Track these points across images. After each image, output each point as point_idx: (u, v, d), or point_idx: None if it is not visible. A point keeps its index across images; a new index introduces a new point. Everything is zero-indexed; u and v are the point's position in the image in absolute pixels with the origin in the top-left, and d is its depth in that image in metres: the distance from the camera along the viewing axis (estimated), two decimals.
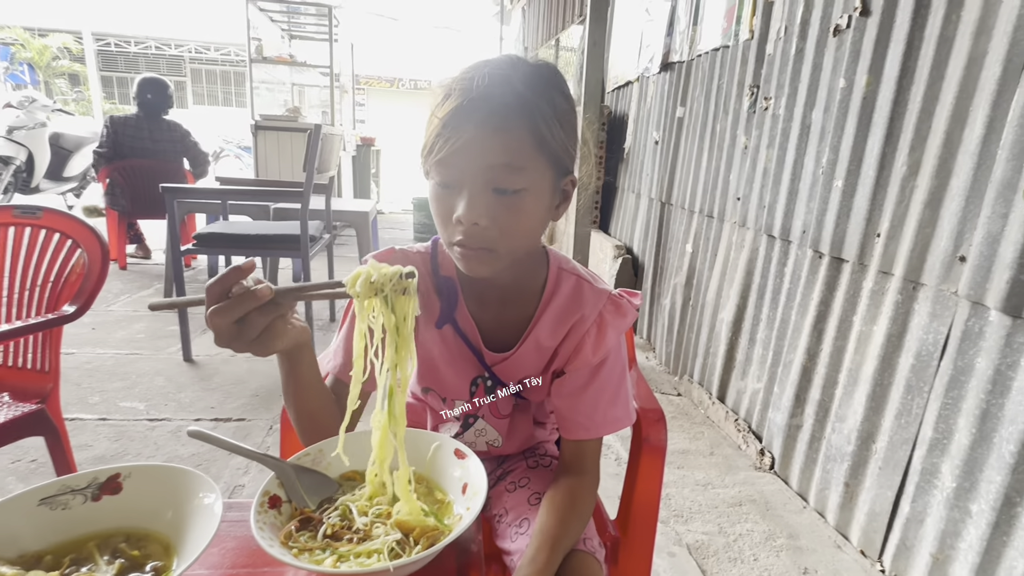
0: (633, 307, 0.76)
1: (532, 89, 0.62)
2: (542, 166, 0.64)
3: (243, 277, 0.50)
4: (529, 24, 6.70)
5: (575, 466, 0.76)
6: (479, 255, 0.64)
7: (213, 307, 0.48)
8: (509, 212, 0.62)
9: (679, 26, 2.75)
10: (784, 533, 1.58)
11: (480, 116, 0.59)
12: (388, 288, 0.52)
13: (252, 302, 0.49)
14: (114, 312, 3.08)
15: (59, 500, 0.53)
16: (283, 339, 0.54)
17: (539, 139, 0.62)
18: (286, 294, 0.50)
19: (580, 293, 0.76)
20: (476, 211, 0.61)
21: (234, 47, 15.58)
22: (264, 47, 5.49)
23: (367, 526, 0.52)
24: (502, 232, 0.63)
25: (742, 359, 2.12)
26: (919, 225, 1.37)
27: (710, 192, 2.42)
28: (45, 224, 1.31)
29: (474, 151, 0.60)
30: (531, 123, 0.61)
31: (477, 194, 0.61)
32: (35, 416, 1.19)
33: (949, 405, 1.28)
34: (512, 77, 0.62)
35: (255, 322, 0.50)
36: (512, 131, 0.60)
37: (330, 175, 2.83)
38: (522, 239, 0.66)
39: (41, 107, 5.71)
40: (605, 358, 0.75)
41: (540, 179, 0.64)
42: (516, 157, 0.61)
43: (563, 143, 0.65)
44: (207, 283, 0.48)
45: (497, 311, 0.77)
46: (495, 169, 0.61)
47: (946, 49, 1.32)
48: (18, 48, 13.69)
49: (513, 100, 0.60)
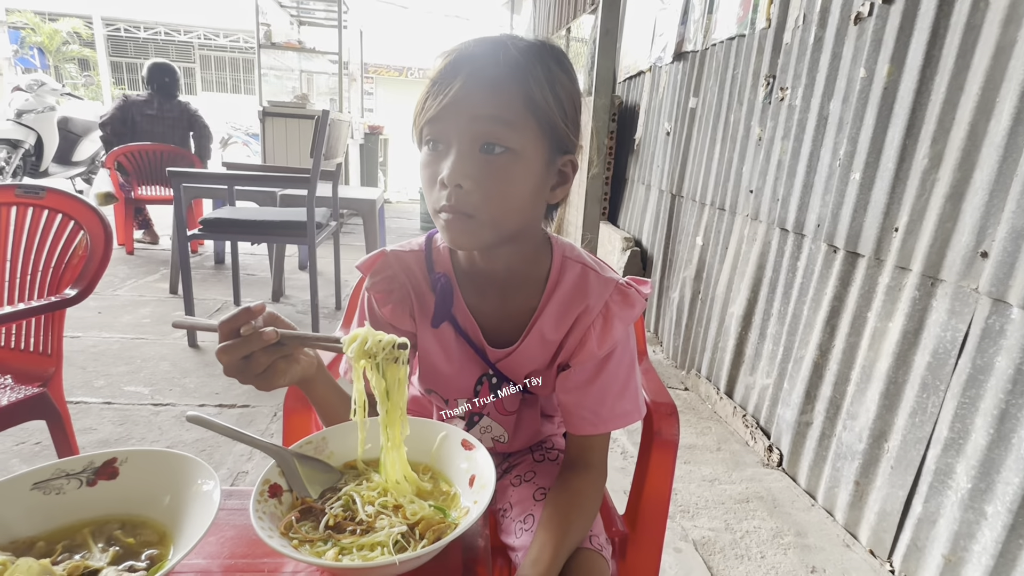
0: (642, 297, 0.72)
1: (525, 54, 0.61)
2: (533, 130, 0.61)
3: (253, 318, 0.53)
4: (540, 13, 6.62)
5: (581, 461, 0.74)
6: (460, 221, 0.61)
7: (222, 344, 0.52)
8: (493, 174, 0.60)
9: (693, 14, 2.70)
10: (792, 531, 1.56)
11: (469, 70, 0.59)
12: (380, 356, 0.54)
13: (258, 343, 0.53)
14: (120, 296, 3.08)
15: (53, 484, 0.51)
16: (286, 376, 0.57)
17: (530, 100, 0.60)
18: (291, 339, 0.55)
19: (586, 282, 0.73)
20: (459, 171, 0.59)
21: (243, 33, 15.53)
22: (273, 33, 5.46)
23: (371, 517, 0.50)
24: (485, 196, 0.60)
25: (751, 354, 2.09)
26: (940, 219, 1.33)
27: (722, 184, 2.38)
28: (48, 205, 1.30)
29: (462, 105, 0.59)
30: (523, 83, 0.60)
31: (463, 154, 0.60)
32: (37, 400, 1.18)
33: (966, 404, 1.25)
34: (508, 43, 0.61)
35: (260, 360, 0.54)
36: (502, 87, 0.59)
37: (337, 162, 2.81)
38: (507, 209, 0.62)
39: (50, 91, 5.71)
40: (612, 351, 0.72)
41: (530, 145, 0.61)
42: (504, 111, 0.59)
43: (558, 113, 0.63)
44: (220, 320, 0.52)
45: (498, 304, 0.74)
46: (481, 121, 0.59)
47: (973, 37, 1.28)
48: (28, 32, 13.68)
49: (504, 60, 0.60)
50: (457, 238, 0.63)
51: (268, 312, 0.56)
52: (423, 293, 0.75)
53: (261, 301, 0.55)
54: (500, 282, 0.73)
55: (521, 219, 0.65)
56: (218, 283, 3.49)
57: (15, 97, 5.56)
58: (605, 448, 0.76)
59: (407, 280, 0.75)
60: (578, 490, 0.70)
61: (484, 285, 0.74)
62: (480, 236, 0.63)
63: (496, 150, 0.60)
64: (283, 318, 0.57)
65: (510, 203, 0.62)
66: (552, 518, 0.67)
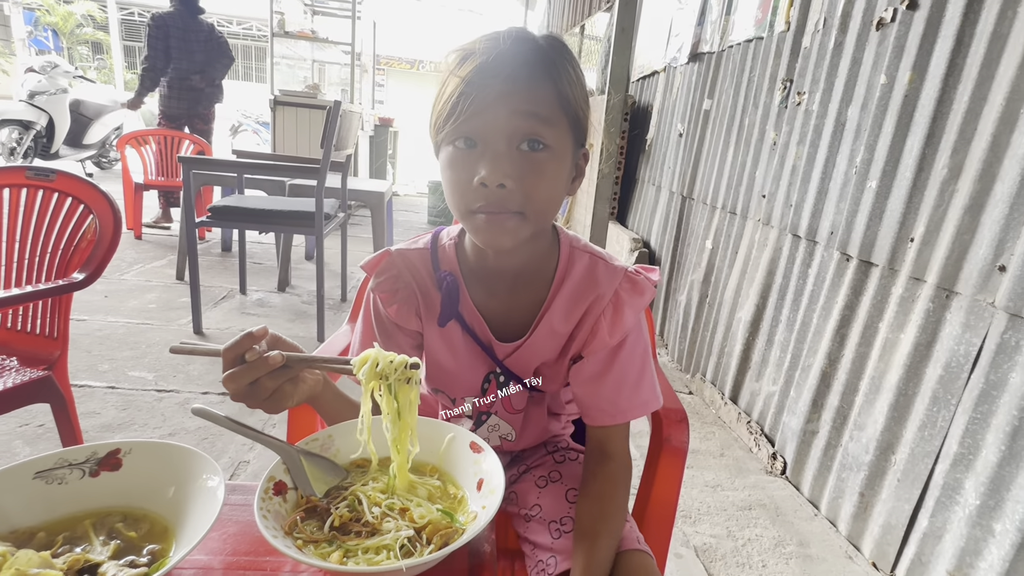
0: (651, 283, 0.71)
1: (554, 50, 0.61)
2: (564, 127, 0.62)
3: (256, 343, 0.53)
4: (554, 10, 6.59)
5: (602, 453, 0.73)
6: (504, 221, 0.61)
7: (228, 372, 0.51)
8: (535, 172, 0.60)
9: (711, 15, 2.68)
10: (794, 540, 1.54)
11: (508, 71, 0.58)
12: (393, 378, 0.53)
13: (264, 368, 0.52)
14: (127, 281, 3.09)
15: (55, 474, 0.50)
16: (293, 399, 0.56)
17: (563, 98, 0.61)
18: (297, 361, 0.54)
19: (595, 272, 0.72)
20: (502, 170, 0.58)
21: (256, 22, 15.52)
22: (286, 22, 5.45)
23: (377, 519, 0.49)
24: (528, 194, 0.60)
25: (758, 360, 2.07)
26: (957, 231, 1.31)
27: (734, 188, 2.36)
28: (58, 187, 1.29)
29: (501, 105, 0.58)
30: (555, 80, 0.60)
31: (503, 153, 0.59)
32: (41, 383, 1.17)
33: (978, 420, 1.23)
34: (534, 39, 0.61)
35: (266, 385, 0.53)
36: (540, 84, 0.59)
37: (348, 153, 2.80)
38: (547, 205, 0.63)
39: (63, 73, 5.73)
40: (624, 339, 0.71)
41: (563, 141, 0.62)
42: (544, 108, 0.59)
43: (582, 108, 0.64)
44: (224, 347, 0.51)
45: (506, 298, 0.73)
46: (523, 117, 0.58)
47: (999, 47, 1.26)
48: (43, 13, 13.72)
49: (537, 57, 0.60)
50: (499, 238, 0.62)
51: (271, 335, 0.55)
52: (429, 292, 0.74)
53: (263, 325, 0.54)
54: (510, 278, 0.73)
55: (554, 213, 0.67)
56: (225, 270, 3.49)
57: (28, 78, 5.58)
58: (626, 437, 0.74)
59: (412, 279, 0.74)
60: (604, 492, 0.70)
61: (493, 281, 0.73)
62: (521, 233, 0.62)
63: (538, 147, 0.60)
64: (286, 339, 0.57)
65: (550, 199, 0.63)
66: (589, 526, 0.67)
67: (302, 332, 2.65)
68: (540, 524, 0.76)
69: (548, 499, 0.79)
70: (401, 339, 0.76)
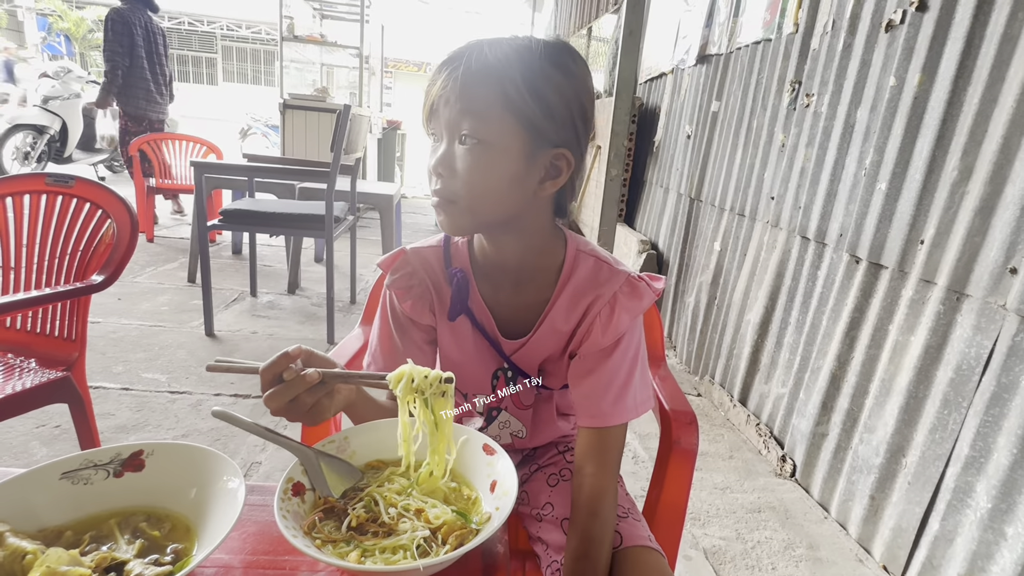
0: (652, 290, 0.72)
1: (510, 54, 0.63)
2: (509, 125, 0.63)
3: (292, 361, 0.55)
4: (561, 11, 6.60)
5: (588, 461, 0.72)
6: (443, 207, 0.67)
7: (268, 392, 0.54)
8: (467, 163, 0.64)
9: (719, 17, 2.68)
10: (804, 543, 1.54)
11: (457, 74, 0.63)
12: (428, 392, 0.55)
13: (302, 386, 0.54)
14: (140, 284, 3.12)
15: (81, 475, 0.52)
16: (330, 411, 0.59)
17: (504, 96, 0.63)
18: (333, 377, 0.56)
19: (598, 274, 0.74)
20: (439, 161, 0.65)
21: (265, 25, 15.66)
22: (295, 26, 5.50)
23: (393, 519, 0.50)
24: (463, 184, 0.65)
25: (767, 362, 2.07)
26: (968, 233, 1.31)
27: (742, 190, 2.36)
28: (76, 193, 1.31)
29: (444, 104, 0.64)
30: (496, 80, 0.63)
31: (445, 146, 0.65)
32: (60, 383, 1.20)
33: (989, 423, 1.23)
34: (497, 43, 0.64)
35: (305, 401, 0.55)
36: (473, 84, 0.63)
37: (357, 156, 2.82)
38: (480, 196, 0.65)
39: (76, 78, 5.80)
40: (618, 342, 0.72)
41: (505, 137, 0.64)
42: (477, 105, 0.63)
43: (538, 108, 0.63)
44: (262, 367, 0.54)
45: (512, 296, 0.76)
46: (460, 114, 0.63)
47: (1009, 48, 1.25)
48: (55, 19, 13.91)
49: (476, 60, 0.63)
50: (443, 222, 0.68)
51: (305, 351, 0.57)
52: (442, 288, 0.77)
53: (298, 344, 0.57)
54: (513, 274, 0.75)
55: (500, 207, 0.67)
56: (235, 273, 3.52)
57: (42, 83, 5.65)
58: (614, 446, 0.72)
59: (426, 276, 0.77)
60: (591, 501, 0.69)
61: (498, 278, 0.76)
62: (460, 221, 0.67)
63: (469, 141, 0.64)
64: (320, 354, 0.59)
65: (483, 190, 0.65)
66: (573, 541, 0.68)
67: (312, 334, 2.67)
68: (552, 523, 0.77)
69: (559, 497, 0.80)
70: (416, 334, 0.78)
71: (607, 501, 0.69)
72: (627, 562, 0.68)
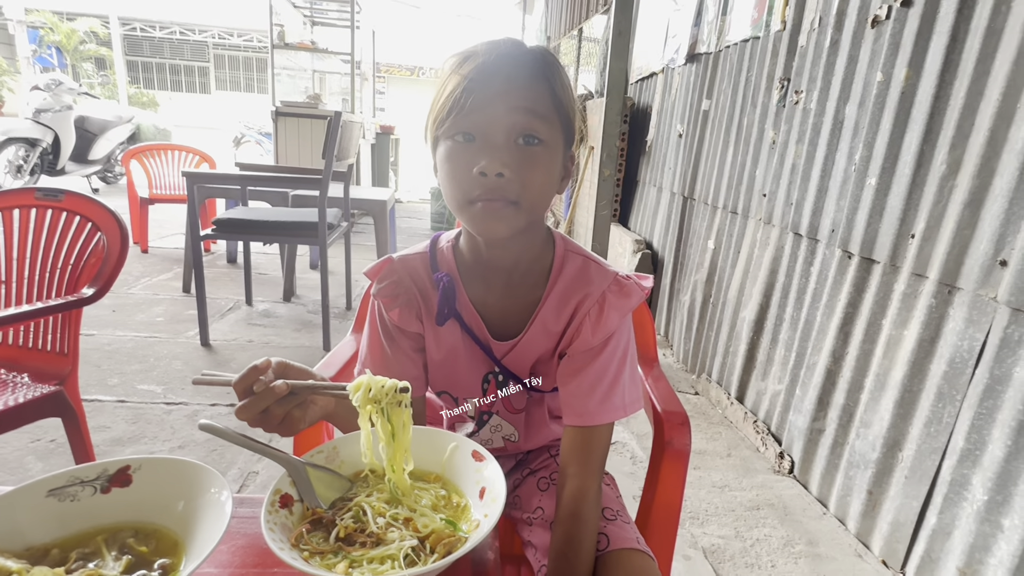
0: (639, 289, 0.73)
1: (547, 56, 0.67)
2: (557, 126, 0.66)
3: (262, 374, 0.55)
4: (552, 13, 6.61)
5: (572, 461, 0.72)
6: (501, 209, 0.64)
7: (239, 404, 0.55)
8: (531, 163, 0.64)
9: (707, 16, 2.68)
10: (803, 539, 1.54)
11: (508, 70, 0.63)
12: (385, 401, 0.55)
13: (271, 397, 0.55)
14: (135, 295, 3.12)
15: (68, 491, 0.51)
16: (304, 422, 0.60)
17: (555, 98, 0.65)
18: (300, 388, 0.57)
19: (586, 273, 0.75)
20: (501, 160, 0.62)
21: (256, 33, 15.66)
22: (286, 33, 5.49)
23: (382, 529, 0.50)
24: (524, 184, 0.64)
25: (763, 359, 2.07)
26: (957, 226, 1.31)
27: (735, 188, 2.37)
28: (66, 207, 1.31)
29: (500, 102, 0.62)
30: (550, 81, 0.65)
31: (502, 145, 0.63)
32: (53, 398, 1.19)
33: (983, 415, 1.23)
34: (530, 47, 0.67)
35: (275, 412, 0.56)
36: (537, 83, 0.64)
37: (349, 163, 2.82)
38: (540, 196, 0.67)
39: (68, 90, 5.79)
40: (607, 342, 0.72)
41: (555, 138, 0.66)
42: (540, 105, 0.64)
43: (572, 112, 0.68)
44: (233, 381, 0.55)
45: (503, 297, 0.75)
46: (521, 113, 0.62)
47: (994, 42, 1.26)
48: (47, 31, 13.88)
49: (533, 60, 0.65)
50: (495, 226, 0.65)
51: (278, 362, 0.58)
52: (429, 294, 0.76)
53: (266, 357, 0.58)
54: (506, 275, 0.75)
55: (546, 207, 0.70)
56: (230, 281, 3.52)
57: (33, 96, 5.64)
58: (599, 446, 0.72)
59: (413, 283, 0.77)
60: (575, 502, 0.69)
61: (490, 278, 0.76)
62: (516, 222, 0.65)
63: (533, 141, 0.64)
64: (296, 365, 0.59)
65: (542, 192, 0.66)
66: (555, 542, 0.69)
67: (308, 342, 2.67)
68: (542, 526, 0.77)
69: (550, 501, 0.80)
70: (405, 343, 0.77)
71: (589, 502, 0.69)
72: (614, 565, 0.68)
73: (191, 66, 17.89)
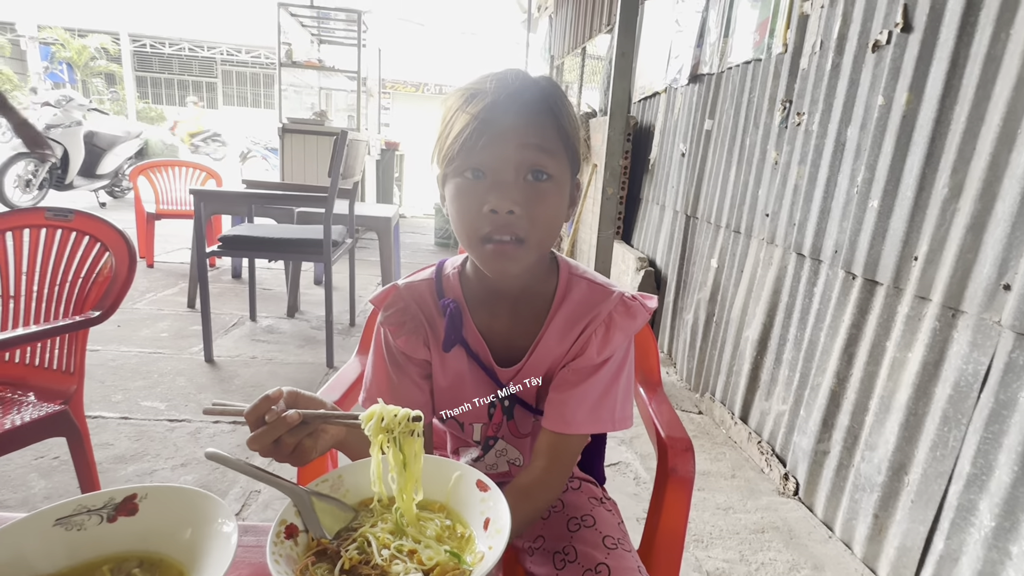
0: (645, 309, 0.74)
1: (553, 88, 0.68)
2: (563, 159, 0.67)
3: (274, 403, 0.56)
4: (556, 32, 6.69)
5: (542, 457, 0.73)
6: (509, 249, 0.65)
7: (252, 435, 0.55)
8: (539, 199, 0.65)
9: (709, 37, 2.72)
10: (808, 564, 1.53)
11: (517, 107, 0.64)
12: (397, 431, 0.55)
13: (283, 427, 0.55)
14: (140, 310, 3.13)
15: (75, 520, 0.52)
16: (315, 452, 0.59)
17: (562, 131, 0.66)
18: (312, 418, 0.57)
19: (592, 297, 0.75)
20: (512, 198, 0.63)
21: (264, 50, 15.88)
22: (294, 52, 5.57)
23: (386, 561, 0.50)
24: (532, 221, 0.64)
25: (767, 379, 2.07)
26: (960, 250, 1.32)
27: (737, 207, 2.38)
28: (76, 227, 1.33)
29: (510, 139, 0.63)
30: (555, 116, 0.66)
31: (511, 182, 0.64)
32: (58, 417, 1.20)
33: (989, 440, 1.22)
34: (535, 79, 0.67)
35: (287, 442, 0.56)
36: (544, 119, 0.65)
37: (355, 180, 2.84)
38: (548, 231, 0.67)
39: (77, 106, 5.87)
40: (608, 359, 0.73)
41: (562, 172, 0.67)
42: (547, 141, 0.65)
43: (578, 139, 0.70)
44: (245, 410, 0.55)
45: (508, 324, 0.76)
46: (530, 150, 0.63)
47: (993, 68, 1.27)
48: (58, 48, 14.11)
49: (540, 95, 0.66)
50: (504, 265, 0.66)
51: (289, 391, 0.58)
52: (435, 321, 0.77)
53: (278, 387, 0.58)
54: (511, 302, 0.75)
55: (555, 239, 0.71)
56: (235, 297, 3.53)
57: (44, 112, 5.72)
58: (572, 452, 0.75)
59: (419, 310, 0.77)
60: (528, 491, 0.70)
61: (496, 306, 0.76)
62: (525, 259, 0.67)
63: (542, 177, 0.65)
64: (306, 394, 0.60)
65: (551, 226, 0.67)
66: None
67: (311, 358, 2.67)
68: (544, 555, 0.77)
69: (550, 529, 0.80)
70: (411, 369, 0.78)
71: (546, 495, 0.72)
72: None
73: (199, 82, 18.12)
